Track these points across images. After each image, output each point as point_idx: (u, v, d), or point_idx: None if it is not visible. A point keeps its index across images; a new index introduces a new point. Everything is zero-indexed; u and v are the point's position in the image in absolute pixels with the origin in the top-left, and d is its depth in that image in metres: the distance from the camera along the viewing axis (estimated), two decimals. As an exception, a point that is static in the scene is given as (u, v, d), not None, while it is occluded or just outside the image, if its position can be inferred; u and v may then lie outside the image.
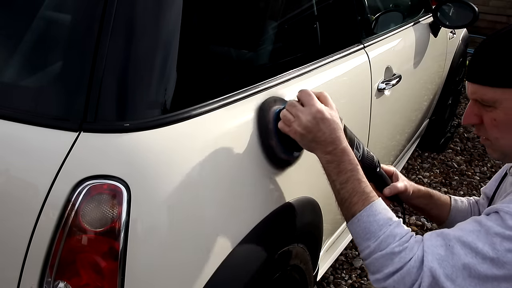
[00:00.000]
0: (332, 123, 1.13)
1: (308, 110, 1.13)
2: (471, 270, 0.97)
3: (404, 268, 1.01)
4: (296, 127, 1.14)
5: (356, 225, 1.08)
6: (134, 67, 1.03)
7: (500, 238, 0.96)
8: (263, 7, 1.49)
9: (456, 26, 2.79)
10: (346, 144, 1.14)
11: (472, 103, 1.12)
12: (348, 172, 1.11)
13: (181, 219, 1.03)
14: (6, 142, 1.04)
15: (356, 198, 1.09)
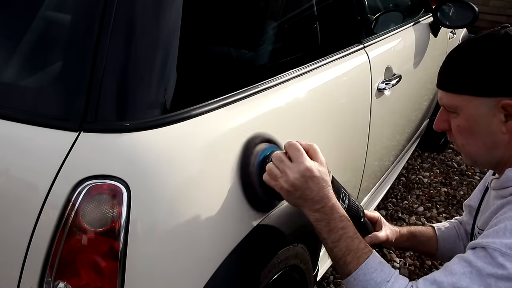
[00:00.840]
0: (321, 181, 1.09)
1: (297, 168, 1.08)
2: None
3: None
4: (283, 183, 1.09)
5: (352, 284, 1.07)
6: (134, 67, 1.03)
7: (494, 278, 0.95)
8: (263, 7, 1.49)
9: (456, 26, 2.79)
10: (335, 200, 1.11)
11: (442, 110, 1.15)
12: (339, 230, 1.08)
13: (181, 219, 1.03)
14: (6, 142, 1.04)
15: (350, 257, 1.07)
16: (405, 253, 2.56)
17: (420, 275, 2.42)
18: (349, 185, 1.93)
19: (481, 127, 1.08)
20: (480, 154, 1.12)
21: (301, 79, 1.47)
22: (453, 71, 1.10)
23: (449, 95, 1.10)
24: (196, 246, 1.06)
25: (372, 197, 2.36)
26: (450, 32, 3.10)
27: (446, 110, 1.13)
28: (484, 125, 1.08)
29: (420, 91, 2.71)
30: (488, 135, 1.08)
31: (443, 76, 1.12)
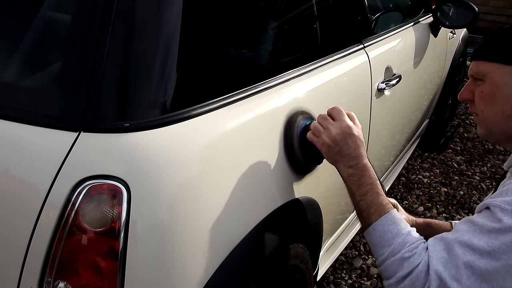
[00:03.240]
0: (357, 140, 1.23)
1: (339, 125, 1.24)
2: (473, 267, 1.01)
3: (414, 273, 1.06)
4: (325, 138, 1.24)
5: (371, 234, 1.16)
6: (134, 67, 1.03)
7: (494, 233, 1.00)
8: (263, 7, 1.49)
9: (456, 26, 2.79)
10: (367, 160, 1.23)
11: (469, 82, 1.22)
12: (368, 185, 1.20)
13: (181, 219, 1.03)
14: (6, 142, 1.04)
15: (373, 210, 1.17)
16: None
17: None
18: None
19: (503, 94, 1.15)
20: (496, 122, 1.17)
21: (301, 79, 1.47)
22: (488, 42, 1.19)
23: (480, 63, 1.18)
24: (196, 246, 1.06)
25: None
26: (450, 32, 3.10)
27: (473, 80, 1.21)
28: (506, 93, 1.15)
29: (420, 91, 2.71)
30: (508, 103, 1.15)
31: (479, 47, 1.20)
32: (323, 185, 1.59)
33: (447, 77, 3.26)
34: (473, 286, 1.01)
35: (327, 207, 1.64)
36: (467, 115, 4.37)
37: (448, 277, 1.03)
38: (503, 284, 1.00)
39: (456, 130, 4.02)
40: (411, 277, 1.06)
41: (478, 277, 1.01)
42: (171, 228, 1.01)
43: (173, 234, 1.01)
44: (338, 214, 1.92)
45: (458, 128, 4.07)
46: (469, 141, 3.88)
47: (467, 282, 1.01)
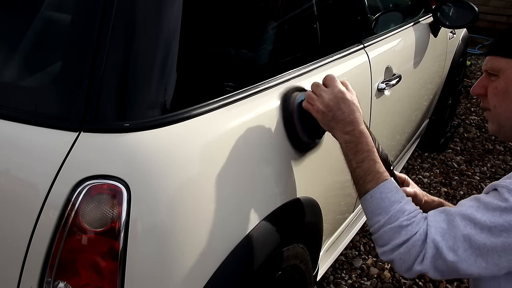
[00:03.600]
0: (351, 104, 1.22)
1: (331, 90, 1.24)
2: (471, 240, 1.01)
3: (410, 241, 1.06)
4: (319, 105, 1.23)
5: (368, 201, 1.15)
6: (134, 67, 1.03)
7: (499, 211, 1.01)
8: (263, 7, 1.49)
9: (456, 26, 2.79)
10: (364, 126, 1.22)
11: (483, 76, 1.22)
12: (364, 152, 1.18)
13: (181, 219, 1.03)
14: (6, 142, 1.04)
15: (370, 177, 1.16)
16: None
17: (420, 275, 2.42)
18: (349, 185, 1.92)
19: None
20: (508, 118, 1.16)
21: (301, 79, 1.47)
22: (505, 37, 1.18)
23: (495, 59, 1.17)
24: (196, 246, 1.06)
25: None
26: (450, 32, 3.09)
27: (487, 75, 1.20)
28: None
29: (420, 91, 2.71)
30: None
31: (495, 42, 1.20)
32: (323, 185, 1.59)
33: (447, 77, 3.26)
34: (468, 259, 1.02)
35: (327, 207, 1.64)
36: (467, 115, 4.37)
37: (445, 247, 1.03)
38: (498, 261, 1.01)
39: (456, 130, 4.02)
40: (407, 245, 1.06)
41: (474, 251, 1.01)
42: (171, 228, 1.01)
43: (173, 234, 1.01)
44: (338, 214, 1.92)
45: (458, 128, 4.07)
46: (469, 141, 3.88)
47: (463, 255, 1.02)
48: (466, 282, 2.40)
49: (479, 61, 5.92)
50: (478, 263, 1.02)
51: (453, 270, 1.04)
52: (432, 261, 1.05)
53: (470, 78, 5.28)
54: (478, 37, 6.63)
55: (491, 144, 3.83)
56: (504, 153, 3.70)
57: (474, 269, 1.02)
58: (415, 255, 1.06)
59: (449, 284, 2.38)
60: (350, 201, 2.00)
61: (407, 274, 1.09)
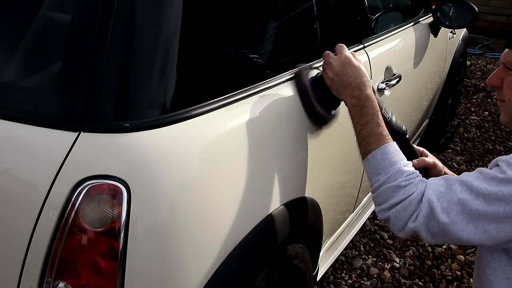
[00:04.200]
0: (358, 69, 1.30)
1: (338, 57, 1.33)
2: (465, 205, 1.05)
3: (407, 200, 1.11)
4: (328, 72, 1.33)
5: (370, 161, 1.20)
6: (134, 67, 1.03)
7: (495, 181, 1.04)
8: (263, 7, 1.49)
9: (456, 26, 2.79)
10: (370, 91, 1.28)
11: (500, 68, 1.22)
12: (369, 115, 1.24)
13: (181, 219, 1.03)
14: (6, 142, 1.04)
15: (373, 139, 1.21)
16: (405, 253, 2.57)
17: (420, 275, 2.42)
18: (349, 185, 1.93)
19: None
20: None
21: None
22: None
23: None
24: (196, 246, 1.06)
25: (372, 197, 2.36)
26: (450, 32, 3.09)
27: (504, 68, 1.20)
28: None
29: (420, 91, 2.71)
30: None
31: None
32: (323, 185, 1.59)
33: (447, 77, 3.26)
34: (459, 223, 1.05)
35: (327, 207, 1.64)
36: (467, 115, 4.37)
37: (438, 208, 1.06)
38: (487, 228, 1.04)
39: (456, 130, 4.02)
40: (403, 203, 1.11)
41: (466, 215, 1.05)
42: (171, 228, 1.01)
43: (173, 234, 1.01)
44: (338, 214, 1.92)
45: (458, 128, 4.07)
46: (469, 141, 3.88)
47: (455, 218, 1.05)
48: (466, 282, 2.40)
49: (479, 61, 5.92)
50: (468, 228, 1.05)
51: (444, 233, 1.07)
52: (425, 221, 1.08)
53: (470, 78, 5.28)
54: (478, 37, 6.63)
55: (491, 144, 3.83)
56: (504, 153, 3.70)
57: (464, 234, 1.05)
58: (410, 213, 1.10)
59: (449, 284, 2.38)
60: (350, 201, 2.00)
61: (401, 233, 1.13)
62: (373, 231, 2.72)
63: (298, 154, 1.41)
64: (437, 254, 2.58)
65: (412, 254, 2.56)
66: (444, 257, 2.56)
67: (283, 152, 1.34)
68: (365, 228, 2.72)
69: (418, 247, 2.61)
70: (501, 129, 4.13)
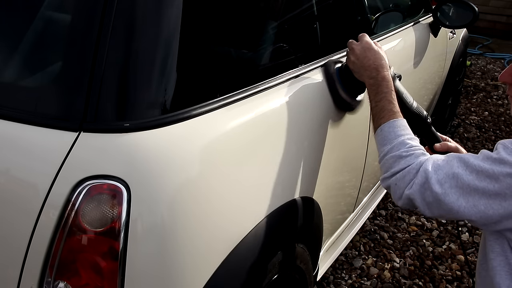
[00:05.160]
0: (376, 53, 1.45)
1: (360, 42, 1.49)
2: (458, 179, 1.11)
3: (406, 169, 1.19)
4: (350, 56, 1.49)
5: (379, 134, 1.31)
6: (134, 67, 1.03)
7: (490, 161, 1.10)
8: (263, 7, 1.49)
9: (456, 26, 2.79)
10: (387, 72, 1.41)
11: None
12: (383, 93, 1.37)
13: (181, 219, 1.03)
14: (6, 142, 1.04)
15: (383, 113, 1.33)
16: (405, 253, 2.57)
17: (420, 275, 2.42)
18: (349, 185, 1.93)
19: None
20: None
21: (301, 79, 1.47)
22: None
23: None
24: (196, 246, 1.06)
25: (372, 197, 2.36)
26: (450, 32, 3.09)
27: None
28: None
29: (420, 91, 2.71)
30: None
31: None
32: (323, 185, 1.59)
33: (447, 77, 3.26)
34: (451, 195, 1.11)
35: (327, 207, 1.64)
36: (467, 115, 4.37)
37: (433, 178, 1.13)
38: (477, 203, 1.09)
39: (456, 130, 4.02)
40: (403, 172, 1.19)
41: (459, 189, 1.11)
42: (171, 228, 1.01)
43: (173, 234, 1.01)
44: (338, 214, 1.92)
45: (458, 128, 4.07)
46: (469, 141, 3.88)
47: (448, 190, 1.11)
48: (466, 282, 2.40)
49: (479, 61, 5.92)
50: (459, 202, 1.10)
51: (437, 203, 1.13)
52: (420, 190, 1.15)
53: (470, 78, 5.28)
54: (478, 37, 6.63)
55: (491, 144, 3.83)
56: (504, 153, 3.70)
57: (455, 206, 1.11)
58: (407, 181, 1.17)
59: (449, 284, 2.38)
60: (350, 201, 2.00)
61: (400, 202, 1.20)
62: (373, 231, 2.72)
63: (298, 154, 1.41)
64: (437, 254, 2.58)
65: (412, 254, 2.56)
66: (444, 257, 2.56)
67: (283, 152, 1.34)
68: (365, 228, 2.72)
69: (418, 247, 2.61)
70: (501, 129, 4.13)
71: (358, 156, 1.88)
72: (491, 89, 5.04)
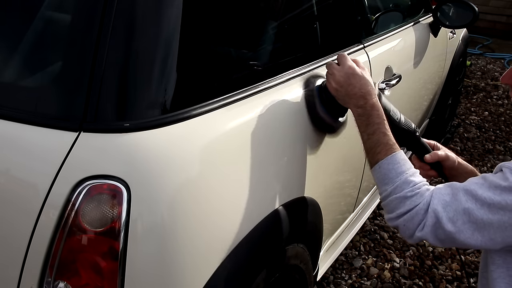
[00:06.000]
0: (362, 79, 1.30)
1: (341, 67, 1.32)
2: (470, 215, 1.07)
3: (414, 210, 1.13)
4: (332, 82, 1.33)
5: (377, 171, 1.22)
6: (134, 67, 1.03)
7: (499, 190, 1.05)
8: (263, 7, 1.49)
9: (456, 26, 2.79)
10: (376, 100, 1.29)
11: None
12: (375, 125, 1.25)
13: (181, 218, 1.03)
14: (6, 142, 1.04)
15: (379, 149, 1.22)
16: (405, 253, 2.57)
17: (420, 275, 2.42)
18: (349, 185, 1.93)
19: None
20: None
21: (301, 79, 1.47)
22: None
23: None
24: (196, 246, 1.06)
25: (372, 197, 2.36)
26: (450, 32, 3.09)
27: None
28: None
29: (420, 91, 2.71)
30: None
31: None
32: (323, 185, 1.59)
33: (447, 77, 3.26)
34: (466, 231, 1.07)
35: (327, 207, 1.64)
36: (467, 115, 4.37)
37: (444, 217, 1.09)
38: (493, 236, 1.06)
39: (456, 130, 4.02)
40: (410, 213, 1.13)
41: (472, 224, 1.07)
42: (171, 228, 1.01)
43: (173, 234, 1.01)
44: (338, 214, 1.92)
45: (458, 128, 4.07)
46: (469, 141, 3.88)
47: (462, 227, 1.08)
48: (466, 282, 2.40)
49: (479, 61, 5.92)
50: (475, 236, 1.07)
51: (451, 240, 1.10)
52: (432, 230, 1.10)
53: (470, 78, 5.28)
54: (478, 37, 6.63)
55: (491, 144, 3.83)
56: (504, 153, 3.70)
57: (471, 241, 1.08)
58: (417, 223, 1.12)
59: (449, 284, 2.38)
60: (350, 201, 2.00)
61: (410, 240, 1.16)
62: (373, 231, 2.72)
63: (298, 154, 1.41)
64: (437, 254, 2.58)
65: (412, 254, 2.56)
66: (444, 257, 2.56)
67: (283, 152, 1.34)
68: (365, 228, 2.72)
69: (418, 247, 2.61)
70: (501, 129, 4.13)
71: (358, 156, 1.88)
72: (491, 89, 5.04)
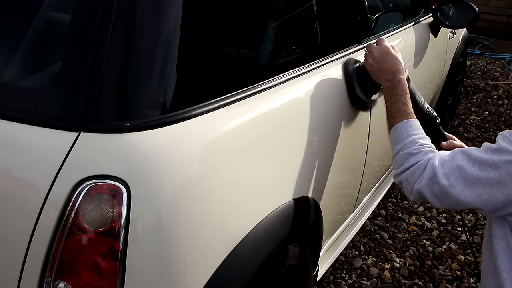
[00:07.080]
0: (394, 58, 1.53)
1: (379, 47, 1.58)
2: (463, 171, 1.19)
3: (416, 165, 1.28)
4: (369, 59, 1.58)
5: (392, 133, 1.40)
6: (134, 67, 1.03)
7: (490, 151, 1.17)
8: (264, 7, 1.49)
9: (456, 26, 2.79)
10: (403, 77, 1.49)
11: None
12: (398, 96, 1.45)
13: (181, 218, 1.03)
14: (6, 142, 1.04)
15: (397, 114, 1.42)
16: (405, 253, 2.57)
17: (420, 275, 2.42)
18: (349, 185, 1.93)
19: None
20: None
21: (301, 79, 1.47)
22: None
23: None
24: (196, 246, 1.06)
25: (372, 197, 2.36)
26: (450, 32, 3.09)
27: None
28: None
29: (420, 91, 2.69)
30: None
31: None
32: (323, 185, 1.59)
33: (447, 77, 3.26)
34: (457, 187, 1.19)
35: (327, 207, 1.64)
36: (467, 115, 4.37)
37: (440, 172, 1.21)
38: (480, 192, 1.16)
39: (456, 130, 4.02)
40: (412, 168, 1.27)
41: (464, 181, 1.18)
42: (171, 228, 1.01)
43: (173, 234, 1.01)
44: (338, 214, 1.92)
45: (458, 128, 4.07)
46: (469, 141, 3.88)
47: (454, 182, 1.19)
48: (466, 282, 2.40)
49: (479, 61, 5.92)
50: (465, 192, 1.18)
51: (445, 195, 1.21)
52: (429, 184, 1.23)
53: (470, 78, 5.28)
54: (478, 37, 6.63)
55: (491, 144, 3.83)
56: (504, 153, 3.70)
57: (461, 197, 1.18)
58: (417, 177, 1.26)
59: (449, 284, 2.38)
60: (350, 201, 2.00)
61: (411, 196, 1.28)
62: (373, 231, 2.72)
63: (298, 154, 1.41)
64: (437, 254, 2.58)
65: (412, 254, 2.56)
66: (444, 257, 2.56)
67: (283, 152, 1.34)
68: (365, 228, 2.72)
69: (418, 247, 2.61)
70: (501, 129, 4.13)
71: (358, 156, 1.88)
72: (491, 89, 5.04)
